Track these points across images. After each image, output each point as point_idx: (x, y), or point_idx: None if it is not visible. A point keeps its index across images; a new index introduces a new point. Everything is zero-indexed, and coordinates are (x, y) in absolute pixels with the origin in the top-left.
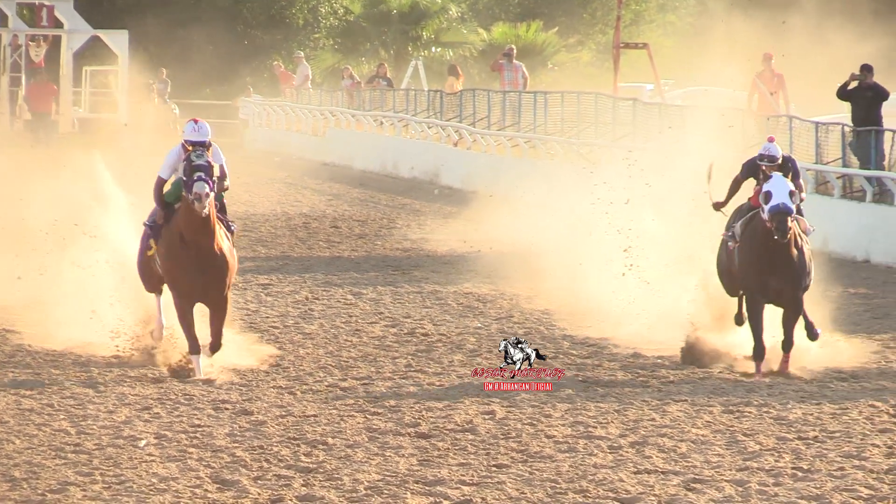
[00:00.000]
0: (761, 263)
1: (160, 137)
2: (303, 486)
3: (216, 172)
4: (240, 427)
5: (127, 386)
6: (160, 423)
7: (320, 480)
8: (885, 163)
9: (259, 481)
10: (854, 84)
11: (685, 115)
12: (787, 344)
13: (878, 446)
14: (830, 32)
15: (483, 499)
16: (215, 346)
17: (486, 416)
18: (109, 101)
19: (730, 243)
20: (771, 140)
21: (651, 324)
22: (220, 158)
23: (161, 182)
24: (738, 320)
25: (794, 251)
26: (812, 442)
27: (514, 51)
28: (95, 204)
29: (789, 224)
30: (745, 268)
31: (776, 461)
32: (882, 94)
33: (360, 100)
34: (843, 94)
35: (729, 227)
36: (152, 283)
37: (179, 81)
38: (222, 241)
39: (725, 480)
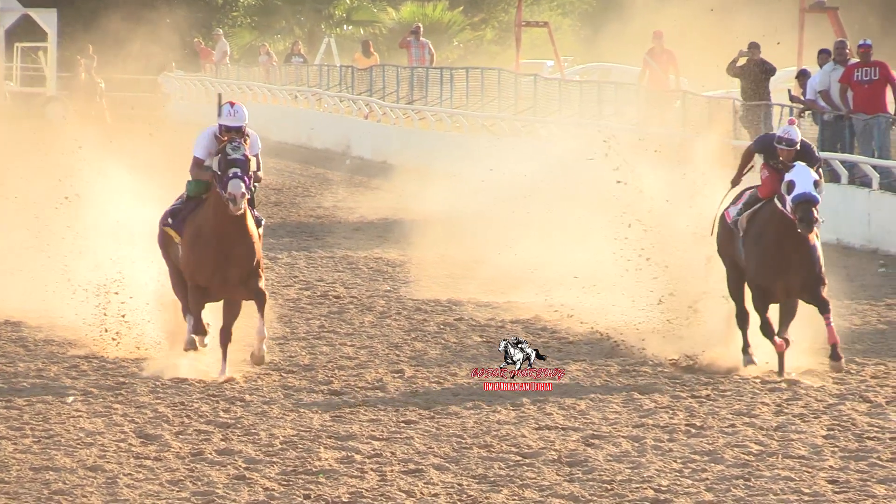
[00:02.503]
0: (774, 260)
1: (88, 109)
2: (222, 440)
3: (253, 166)
4: (162, 384)
5: (56, 346)
6: (87, 381)
7: (238, 435)
8: None
9: (180, 436)
10: (743, 61)
11: (583, 91)
12: (824, 307)
13: (767, 404)
14: (724, 11)
15: (392, 453)
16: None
17: (396, 375)
18: (39, 75)
19: (728, 215)
20: (791, 122)
21: (551, 288)
22: (256, 148)
23: (198, 162)
24: (741, 320)
25: (811, 245)
26: (705, 400)
27: (422, 29)
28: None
29: (815, 215)
30: (754, 265)
31: (671, 418)
32: (769, 70)
33: (275, 75)
34: (732, 70)
35: (730, 210)
36: (182, 286)
37: (105, 57)
38: (252, 231)
39: (622, 436)
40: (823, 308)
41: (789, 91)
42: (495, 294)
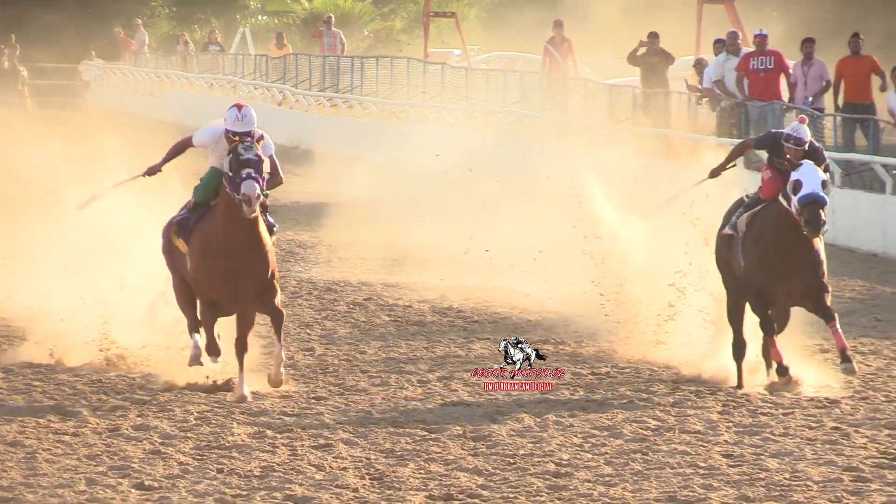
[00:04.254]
0: (775, 263)
1: (10, 97)
2: (138, 416)
3: (266, 167)
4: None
5: None
6: (6, 358)
7: (154, 411)
8: (671, 120)
9: (98, 412)
10: (643, 50)
11: (489, 79)
12: (829, 316)
13: (664, 381)
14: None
15: (302, 428)
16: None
17: (307, 353)
18: None
19: (728, 229)
20: (802, 121)
21: (458, 270)
22: (269, 150)
23: (187, 142)
24: (738, 348)
25: (815, 249)
26: (604, 377)
27: (333, 19)
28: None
29: (823, 217)
30: (754, 266)
31: (571, 394)
32: (668, 59)
33: (192, 64)
34: (633, 59)
35: (727, 221)
36: (186, 299)
37: (29, 46)
38: (266, 240)
39: (525, 412)
40: (828, 317)
41: (686, 80)
42: (404, 275)
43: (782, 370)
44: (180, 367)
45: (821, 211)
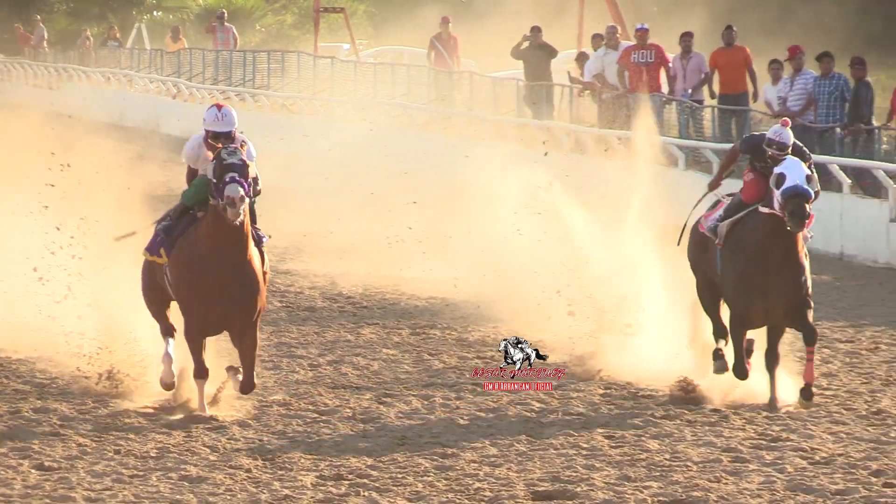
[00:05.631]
0: (756, 277)
1: None
2: (38, 399)
3: (252, 172)
4: None
5: None
6: None
7: (54, 395)
8: (554, 112)
9: None
10: (526, 44)
11: (377, 72)
12: (810, 337)
13: (548, 365)
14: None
15: (197, 411)
16: (247, 386)
17: None
18: None
19: (703, 226)
20: (785, 124)
21: (348, 257)
22: (251, 156)
23: (192, 171)
24: (718, 333)
25: (800, 263)
26: (489, 360)
27: (226, 14)
28: None
29: (808, 210)
30: (732, 281)
31: (458, 378)
32: (551, 53)
33: (90, 58)
34: (516, 53)
35: (707, 219)
36: (157, 305)
37: None
38: (253, 257)
39: (413, 395)
40: (809, 338)
41: (569, 73)
42: (294, 262)
43: (772, 392)
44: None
45: (806, 204)
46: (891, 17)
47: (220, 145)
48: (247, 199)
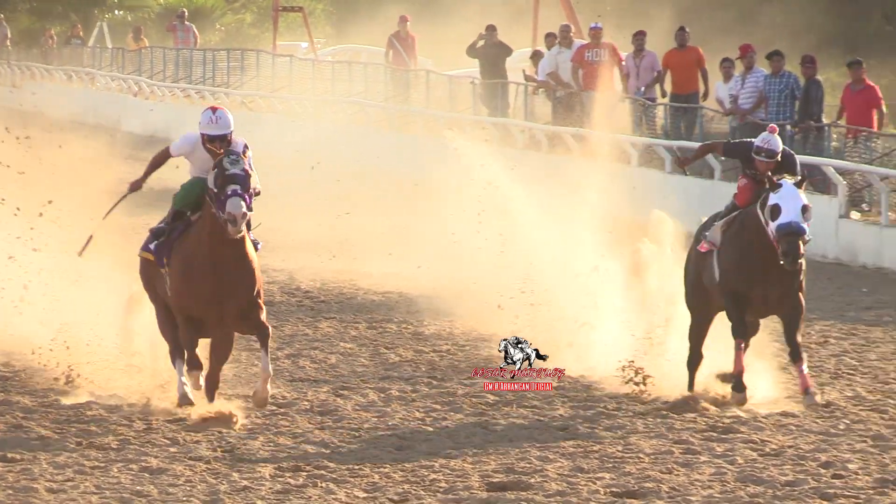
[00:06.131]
0: (753, 265)
1: None
2: (0, 392)
3: (254, 182)
4: None
5: None
6: None
7: (16, 387)
8: (509, 110)
9: None
10: (482, 43)
11: (335, 70)
12: (796, 355)
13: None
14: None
15: (156, 405)
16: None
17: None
18: None
19: (704, 244)
20: (772, 130)
21: (306, 253)
22: (249, 162)
23: (165, 154)
24: (693, 360)
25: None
26: (445, 354)
27: (186, 13)
28: None
29: (802, 249)
30: (730, 273)
31: (414, 371)
32: (506, 51)
33: (52, 56)
34: (472, 52)
35: (700, 234)
36: (163, 308)
37: None
38: (253, 262)
39: (370, 388)
40: (796, 357)
41: (523, 71)
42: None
43: (739, 384)
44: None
45: (800, 242)
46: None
47: (219, 150)
48: (249, 214)
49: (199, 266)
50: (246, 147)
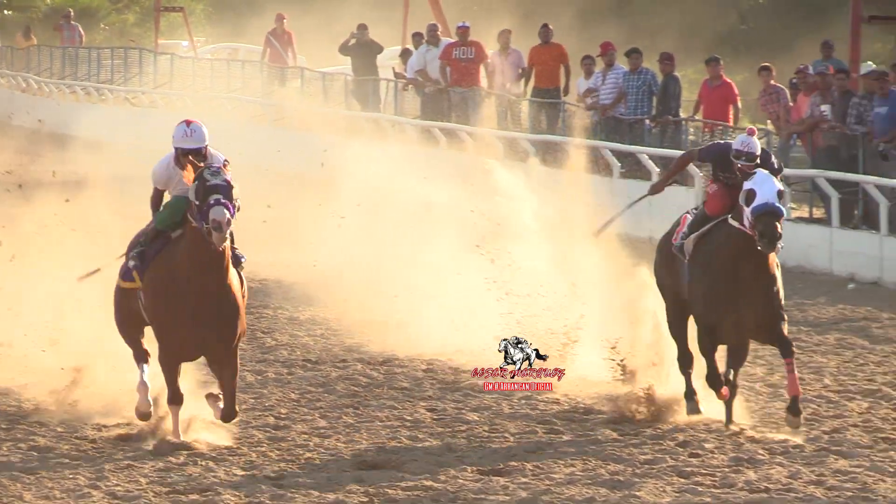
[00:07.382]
0: (726, 292)
1: None
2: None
3: (236, 193)
4: None
5: None
6: None
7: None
8: (381, 105)
9: None
10: (353, 41)
11: (214, 68)
12: (786, 349)
13: (374, 342)
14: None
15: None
16: (229, 415)
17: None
18: None
19: (675, 251)
20: (751, 133)
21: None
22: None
23: (158, 194)
24: (683, 363)
25: (771, 275)
26: (319, 338)
27: (72, 13)
28: None
29: (779, 229)
30: (702, 296)
31: (289, 354)
32: (376, 49)
33: None
34: (344, 49)
35: (674, 232)
36: (131, 330)
37: None
38: (233, 281)
39: (247, 370)
40: (786, 350)
41: (393, 68)
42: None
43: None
44: None
45: (777, 223)
46: (706, 17)
47: (198, 163)
48: (233, 222)
49: (179, 285)
50: (226, 161)
